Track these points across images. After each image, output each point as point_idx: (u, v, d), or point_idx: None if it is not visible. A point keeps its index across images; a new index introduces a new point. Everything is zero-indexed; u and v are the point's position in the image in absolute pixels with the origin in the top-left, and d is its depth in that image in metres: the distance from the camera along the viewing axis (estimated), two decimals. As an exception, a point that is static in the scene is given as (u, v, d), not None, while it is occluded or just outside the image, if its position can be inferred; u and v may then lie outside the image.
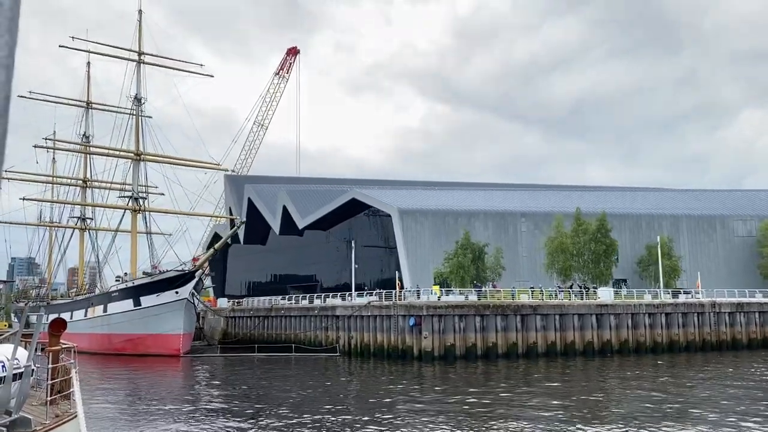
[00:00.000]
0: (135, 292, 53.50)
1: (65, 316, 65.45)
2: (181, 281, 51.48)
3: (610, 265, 60.05)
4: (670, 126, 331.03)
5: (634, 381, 36.97)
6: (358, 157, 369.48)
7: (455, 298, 50.01)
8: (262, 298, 69.46)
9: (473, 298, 49.26)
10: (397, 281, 49.70)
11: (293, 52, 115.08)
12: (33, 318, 68.71)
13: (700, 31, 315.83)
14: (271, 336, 61.06)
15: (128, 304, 53.80)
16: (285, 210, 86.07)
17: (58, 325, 13.87)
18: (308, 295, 60.59)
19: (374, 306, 49.26)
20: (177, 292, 51.94)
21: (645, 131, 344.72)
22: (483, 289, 48.93)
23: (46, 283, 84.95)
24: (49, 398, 11.84)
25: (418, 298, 49.06)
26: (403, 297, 49.43)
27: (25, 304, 78.77)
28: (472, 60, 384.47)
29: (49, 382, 12.28)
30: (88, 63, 79.42)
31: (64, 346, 13.98)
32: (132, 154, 62.60)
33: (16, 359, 11.36)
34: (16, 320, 77.26)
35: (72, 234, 75.26)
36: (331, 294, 58.82)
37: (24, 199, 62.34)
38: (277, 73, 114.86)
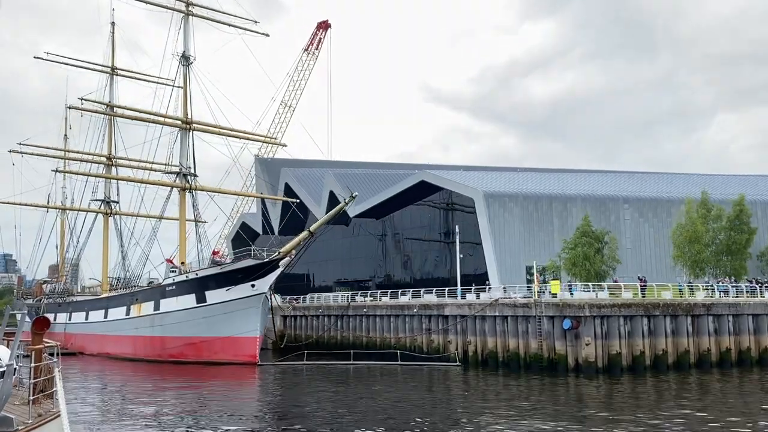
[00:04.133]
0: (198, 286, 43.31)
1: (97, 314, 55.22)
2: (261, 272, 41.50)
3: (746, 257, 51.35)
4: (646, 128, 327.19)
5: None
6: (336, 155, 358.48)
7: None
8: (326, 294, 59.65)
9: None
10: (536, 274, 40.20)
11: (324, 26, 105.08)
12: (50, 317, 57.44)
13: (676, 34, 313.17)
14: (348, 339, 51.38)
15: (189, 299, 43.63)
16: (332, 196, 76.10)
17: (41, 324, 13.34)
18: (397, 291, 51.05)
19: (504, 304, 39.81)
20: (254, 285, 41.95)
21: (621, 133, 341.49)
22: (647, 284, 39.65)
23: (58, 277, 74.06)
24: (31, 397, 11.38)
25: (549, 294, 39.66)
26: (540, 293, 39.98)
27: (39, 300, 68.17)
28: (452, 60, 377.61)
29: (32, 381, 11.74)
30: (113, 23, 69.09)
31: (47, 344, 13.45)
32: (179, 122, 52.45)
33: None
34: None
35: (95, 219, 64.68)
36: (434, 290, 49.15)
37: (57, 171, 51.62)
38: (306, 50, 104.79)
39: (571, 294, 39.04)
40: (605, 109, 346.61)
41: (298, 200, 63.99)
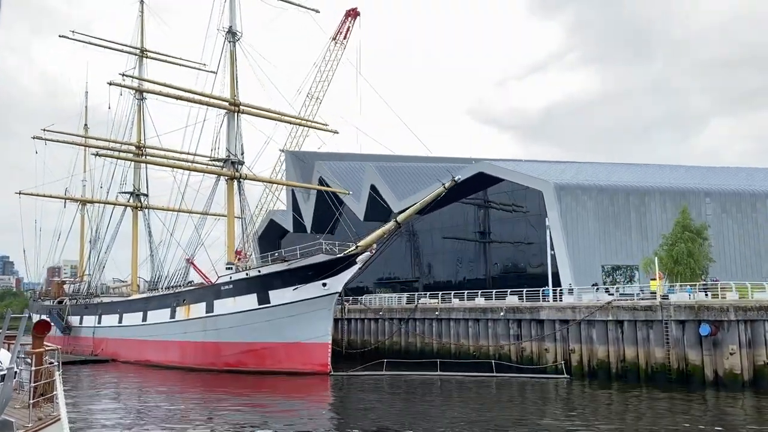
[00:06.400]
0: (261, 285, 37.92)
1: (133, 317, 49.70)
2: (336, 269, 36.21)
3: None
4: (641, 132, 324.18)
5: None
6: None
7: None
8: (384, 295, 54.52)
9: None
10: (658, 271, 35.02)
11: (353, 14, 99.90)
12: (75, 320, 51.73)
13: (671, 39, 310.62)
14: (414, 346, 46.19)
15: (249, 300, 38.25)
16: (373, 190, 70.88)
17: (42, 327, 13.25)
18: (476, 293, 45.81)
19: (620, 307, 34.62)
20: (325, 284, 36.66)
21: (616, 137, 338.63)
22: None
23: (77, 276, 68.71)
24: (32, 401, 11.35)
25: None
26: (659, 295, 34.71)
27: (60, 302, 62.73)
28: (452, 60, 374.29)
29: (32, 384, 11.71)
30: (142, 2, 63.85)
31: (47, 348, 13.39)
32: (227, 104, 47.19)
33: None
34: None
35: (123, 214, 59.33)
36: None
37: (97, 154, 46.02)
38: (334, 39, 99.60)
39: (706, 294, 33.79)
40: (600, 113, 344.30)
41: (350, 192, 58.57)
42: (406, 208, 66.89)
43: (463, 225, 67.99)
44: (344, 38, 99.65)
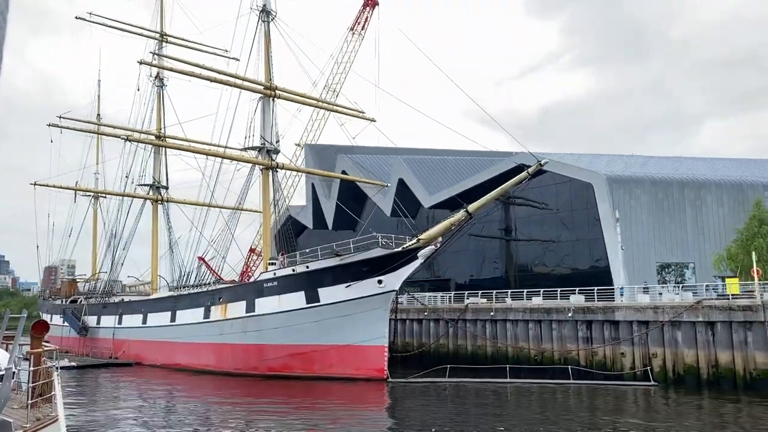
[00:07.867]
0: (309, 281, 34.42)
1: (159, 317, 46.10)
2: (394, 265, 32.78)
3: None
4: (638, 133, 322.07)
5: None
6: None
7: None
8: (424, 294, 51.21)
9: None
10: (755, 267, 31.72)
11: (371, 3, 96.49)
12: (92, 320, 48.13)
13: (670, 39, 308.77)
14: (464, 348, 42.89)
15: (296, 298, 34.73)
16: (401, 185, 67.46)
17: (41, 327, 13.09)
18: (538, 291, 42.43)
19: (713, 307, 31.31)
20: (381, 282, 33.22)
21: (612, 138, 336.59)
22: None
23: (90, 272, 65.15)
24: (30, 401, 11.48)
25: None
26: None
27: (74, 301, 59.11)
28: (448, 63, 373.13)
29: (31, 385, 11.78)
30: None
31: (46, 348, 13.58)
32: (261, 87, 43.76)
33: None
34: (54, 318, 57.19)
35: (142, 207, 55.75)
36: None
37: (126, 139, 42.36)
38: (352, 29, 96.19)
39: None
40: (600, 113, 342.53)
41: (387, 185, 55.15)
42: (442, 200, 64.07)
43: (487, 222, 64.79)
44: (362, 29, 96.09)
